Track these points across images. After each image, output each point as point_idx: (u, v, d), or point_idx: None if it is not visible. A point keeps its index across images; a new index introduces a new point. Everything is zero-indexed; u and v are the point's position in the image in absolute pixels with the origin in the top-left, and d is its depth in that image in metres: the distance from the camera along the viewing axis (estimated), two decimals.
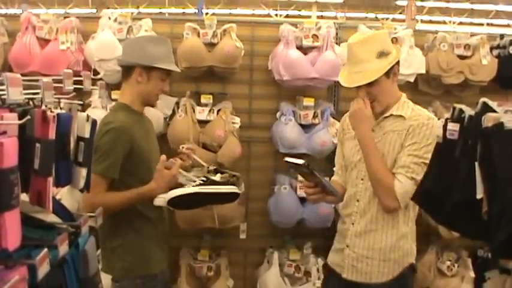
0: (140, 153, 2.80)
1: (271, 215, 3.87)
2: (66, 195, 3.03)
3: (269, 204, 3.90)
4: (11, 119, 1.44)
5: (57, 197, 2.69)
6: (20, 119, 1.49)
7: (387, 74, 2.55)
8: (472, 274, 3.89)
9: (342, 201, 2.82)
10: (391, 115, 2.62)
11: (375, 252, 2.63)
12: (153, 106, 3.01)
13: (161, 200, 2.65)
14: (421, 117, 2.58)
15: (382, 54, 2.54)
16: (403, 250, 2.65)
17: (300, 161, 2.45)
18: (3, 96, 1.52)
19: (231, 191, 2.78)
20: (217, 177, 2.79)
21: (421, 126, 2.54)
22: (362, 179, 2.66)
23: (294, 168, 2.67)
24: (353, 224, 2.69)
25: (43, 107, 1.63)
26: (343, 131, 2.85)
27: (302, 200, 3.75)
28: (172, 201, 2.66)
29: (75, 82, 2.00)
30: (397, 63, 2.61)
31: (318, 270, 3.80)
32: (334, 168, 2.94)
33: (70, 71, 1.86)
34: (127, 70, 2.85)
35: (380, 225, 2.62)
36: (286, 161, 2.54)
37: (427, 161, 2.36)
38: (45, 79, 1.63)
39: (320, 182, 2.59)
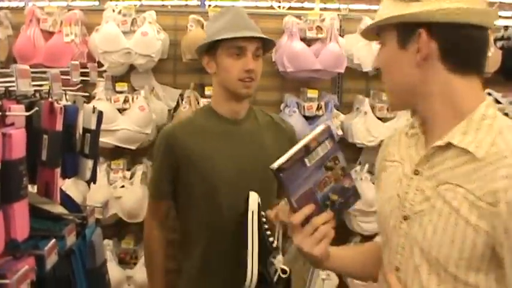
0: (193, 168, 2.12)
1: None
2: (71, 187, 3.05)
3: None
4: (19, 111, 1.45)
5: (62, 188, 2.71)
6: (27, 110, 1.50)
7: (401, 39, 1.35)
8: None
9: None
10: (451, 145, 1.32)
11: None
12: (242, 95, 2.13)
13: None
14: None
15: None
16: None
17: (315, 134, 1.37)
18: (10, 88, 1.53)
19: None
20: None
21: None
22: (403, 248, 1.38)
23: (291, 169, 1.34)
24: None
25: (50, 99, 1.63)
26: (384, 161, 1.58)
27: None
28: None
29: (80, 74, 2.00)
30: (441, 35, 1.31)
31: None
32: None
33: (77, 62, 1.87)
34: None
35: None
36: (275, 169, 1.32)
37: None
38: (53, 71, 1.64)
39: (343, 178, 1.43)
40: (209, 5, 3.94)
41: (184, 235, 2.25)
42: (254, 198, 2.01)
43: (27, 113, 1.48)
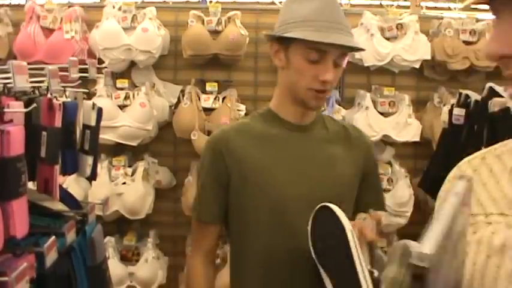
0: (248, 181, 1.71)
1: None
2: (72, 184, 3.05)
3: None
4: (17, 107, 1.45)
5: (64, 185, 2.71)
6: (25, 107, 1.49)
7: None
8: None
9: None
10: None
11: None
12: (310, 107, 1.72)
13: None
14: None
15: None
16: None
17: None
18: (8, 85, 1.53)
19: None
20: None
21: None
22: None
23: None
24: None
25: (49, 95, 1.63)
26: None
27: None
28: None
29: (80, 70, 2.00)
30: None
31: None
32: None
33: (76, 59, 1.87)
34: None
35: None
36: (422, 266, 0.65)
37: None
38: (50, 67, 1.63)
39: None
40: (210, 1, 3.91)
41: (235, 267, 1.83)
42: (341, 213, 1.47)
43: (26, 110, 1.47)
